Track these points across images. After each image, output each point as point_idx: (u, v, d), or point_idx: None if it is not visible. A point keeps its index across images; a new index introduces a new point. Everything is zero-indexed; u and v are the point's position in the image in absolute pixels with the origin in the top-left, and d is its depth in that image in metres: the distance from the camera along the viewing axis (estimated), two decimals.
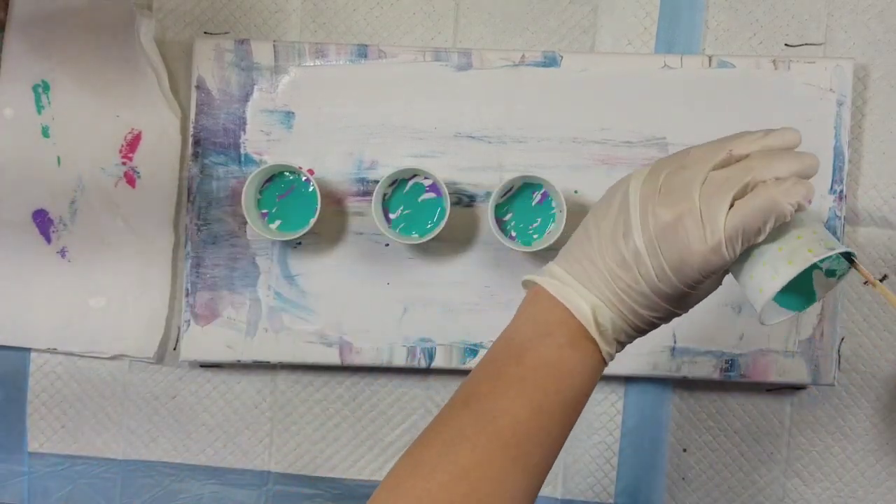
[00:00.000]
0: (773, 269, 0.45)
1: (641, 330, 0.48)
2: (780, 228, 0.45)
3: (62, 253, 0.74)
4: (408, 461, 0.45)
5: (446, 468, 0.43)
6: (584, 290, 0.45)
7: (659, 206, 0.44)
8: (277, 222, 0.71)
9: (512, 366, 0.45)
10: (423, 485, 0.42)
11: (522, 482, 0.44)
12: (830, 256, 0.44)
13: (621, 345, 0.48)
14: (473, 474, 0.42)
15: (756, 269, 0.46)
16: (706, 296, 0.48)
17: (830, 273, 0.50)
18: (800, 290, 0.50)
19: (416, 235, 0.71)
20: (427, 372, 0.74)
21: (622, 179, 0.47)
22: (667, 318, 0.47)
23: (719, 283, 0.49)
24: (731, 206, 0.43)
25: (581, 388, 0.46)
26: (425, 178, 0.71)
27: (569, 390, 0.45)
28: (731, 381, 0.72)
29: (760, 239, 0.44)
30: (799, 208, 0.43)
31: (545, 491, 0.74)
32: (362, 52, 0.72)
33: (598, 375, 0.47)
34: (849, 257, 0.47)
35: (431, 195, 0.71)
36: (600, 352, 0.46)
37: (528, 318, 0.47)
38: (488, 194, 0.71)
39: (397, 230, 0.71)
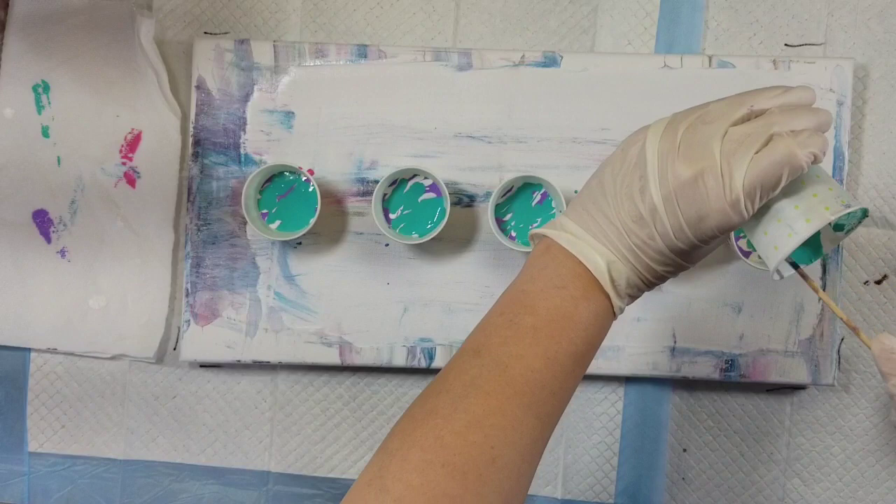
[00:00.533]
0: (788, 227, 0.45)
1: (651, 284, 0.48)
2: (795, 185, 0.45)
3: (62, 253, 0.74)
4: (420, 409, 0.44)
5: (460, 416, 0.42)
6: (598, 245, 0.46)
7: (678, 163, 0.43)
8: (277, 222, 0.71)
9: (525, 316, 0.45)
10: (436, 433, 0.42)
11: (535, 430, 0.44)
12: (848, 213, 0.44)
13: (631, 298, 0.48)
14: (487, 422, 0.42)
15: (771, 226, 0.45)
16: (714, 249, 0.49)
17: (837, 227, 0.49)
18: (807, 244, 0.50)
19: (416, 235, 0.71)
20: (427, 372, 0.74)
21: (638, 132, 0.47)
22: (676, 272, 0.48)
23: (728, 237, 0.50)
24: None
25: (592, 341, 0.46)
26: (425, 178, 0.71)
27: (581, 342, 0.46)
28: (731, 381, 0.72)
29: (776, 192, 0.44)
30: (815, 160, 0.43)
31: (545, 491, 0.74)
32: (362, 52, 0.72)
33: (607, 328, 0.47)
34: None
35: (431, 195, 0.71)
36: (612, 305, 0.47)
37: (541, 270, 0.47)
38: (488, 194, 0.71)
39: (397, 230, 0.71)
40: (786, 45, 0.74)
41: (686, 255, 0.46)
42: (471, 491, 0.41)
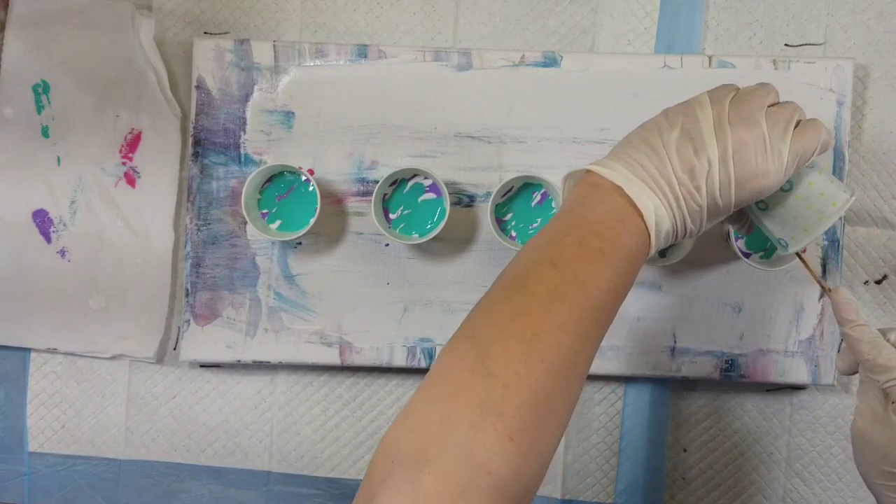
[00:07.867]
0: (831, 197, 0.54)
1: (676, 237, 0.52)
2: (802, 173, 0.54)
3: (62, 253, 0.74)
4: (507, 306, 0.46)
5: (551, 318, 0.45)
6: (648, 191, 0.50)
7: (736, 127, 0.49)
8: (277, 222, 0.71)
9: (593, 240, 0.48)
10: (533, 329, 0.44)
11: (597, 345, 0.48)
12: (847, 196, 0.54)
13: (657, 249, 0.52)
14: (572, 328, 0.45)
15: (812, 199, 0.54)
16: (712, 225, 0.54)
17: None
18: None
19: (416, 235, 0.71)
20: (427, 372, 0.74)
21: (681, 105, 0.52)
22: (697, 232, 0.52)
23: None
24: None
25: (634, 275, 0.50)
26: (425, 178, 0.71)
27: (631, 273, 0.49)
28: (731, 381, 0.72)
29: (805, 164, 0.52)
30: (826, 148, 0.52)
31: (545, 490, 0.74)
32: (362, 52, 0.72)
33: (640, 269, 0.51)
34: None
35: (431, 195, 0.71)
36: (650, 248, 0.50)
37: (599, 203, 0.50)
38: (488, 194, 0.71)
39: (397, 230, 0.71)
40: (786, 45, 0.74)
41: (710, 218, 0.51)
42: (560, 388, 0.44)
